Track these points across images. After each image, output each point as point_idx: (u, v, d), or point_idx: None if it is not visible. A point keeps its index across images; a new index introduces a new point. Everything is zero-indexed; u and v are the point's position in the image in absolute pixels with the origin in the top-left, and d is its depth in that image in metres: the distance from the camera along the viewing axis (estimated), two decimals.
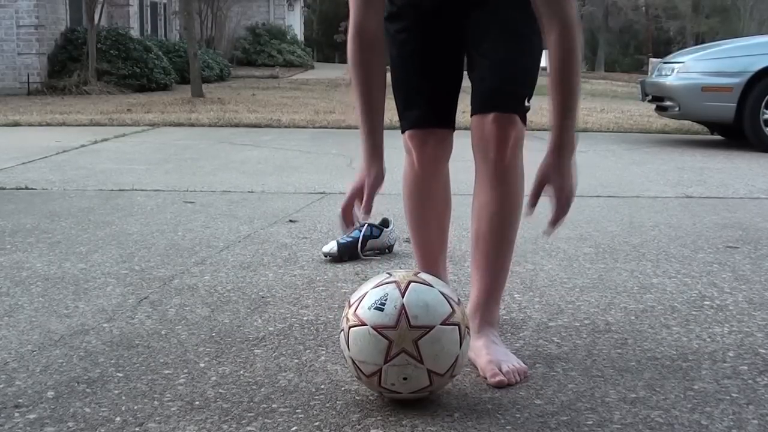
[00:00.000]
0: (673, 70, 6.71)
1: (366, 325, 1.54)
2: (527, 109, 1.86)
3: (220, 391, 1.66)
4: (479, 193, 1.91)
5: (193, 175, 4.79)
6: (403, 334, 1.51)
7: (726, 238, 3.16)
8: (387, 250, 2.88)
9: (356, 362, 1.56)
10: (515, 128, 1.82)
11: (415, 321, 1.52)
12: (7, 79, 13.83)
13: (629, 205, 3.91)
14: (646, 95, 7.19)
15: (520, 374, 1.73)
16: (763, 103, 6.26)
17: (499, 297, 1.92)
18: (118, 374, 1.74)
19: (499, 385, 1.70)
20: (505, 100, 1.83)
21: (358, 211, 1.93)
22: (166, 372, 1.76)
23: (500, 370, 1.72)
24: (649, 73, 8.13)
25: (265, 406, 1.59)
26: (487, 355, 1.77)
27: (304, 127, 8.04)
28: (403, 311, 1.52)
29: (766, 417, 1.56)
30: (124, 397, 1.62)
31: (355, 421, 1.53)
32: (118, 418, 1.53)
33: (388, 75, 1.97)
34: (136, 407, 1.58)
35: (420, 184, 2.07)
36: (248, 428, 1.49)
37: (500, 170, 1.85)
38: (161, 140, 6.74)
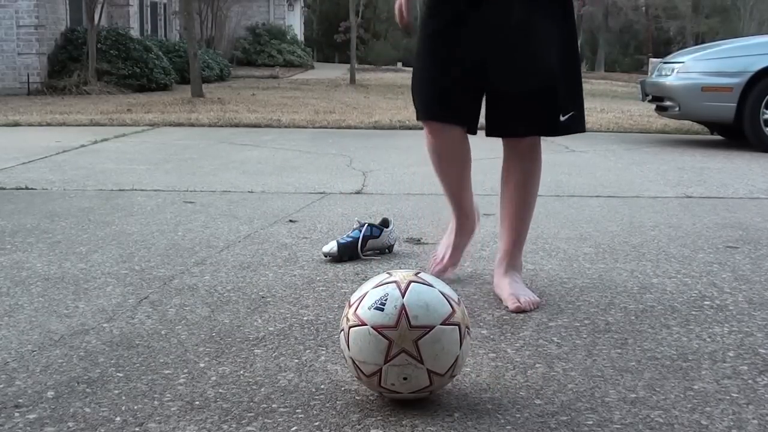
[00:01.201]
0: (673, 70, 6.71)
1: (366, 325, 1.54)
2: (573, 125, 2.28)
3: (220, 391, 1.66)
4: (507, 167, 2.36)
5: (193, 175, 4.79)
6: (403, 334, 1.51)
7: (726, 238, 3.16)
8: (387, 250, 2.88)
9: (356, 362, 1.56)
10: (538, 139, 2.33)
11: (416, 321, 1.52)
12: (7, 79, 13.84)
13: (629, 205, 3.91)
14: (646, 95, 7.19)
15: (533, 305, 2.23)
16: (763, 103, 6.26)
17: (522, 247, 2.40)
18: (118, 374, 1.74)
19: (517, 311, 2.20)
20: (542, 127, 2.28)
21: None
22: (166, 372, 1.76)
23: (519, 300, 2.22)
24: (649, 73, 8.13)
25: (265, 406, 1.59)
26: (510, 289, 2.28)
27: (304, 127, 8.04)
28: (404, 311, 1.52)
29: (766, 417, 1.56)
30: (124, 397, 1.62)
31: (355, 421, 1.53)
32: (118, 418, 1.53)
33: None
34: (136, 407, 1.58)
35: (437, 151, 2.40)
36: (248, 428, 1.49)
37: (529, 145, 2.31)
38: (161, 140, 6.74)
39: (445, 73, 2.27)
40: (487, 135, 2.31)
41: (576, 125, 2.27)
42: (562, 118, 2.24)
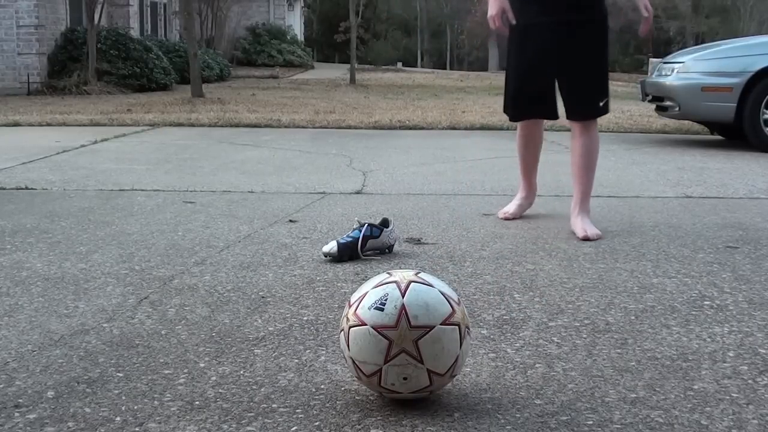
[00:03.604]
0: (673, 70, 6.71)
1: (366, 325, 1.54)
2: (603, 108, 3.27)
3: (220, 391, 1.66)
4: (574, 137, 3.31)
5: (193, 175, 4.79)
6: (403, 334, 1.51)
7: (726, 238, 3.16)
8: (387, 250, 2.88)
9: (356, 362, 1.56)
10: (594, 121, 3.32)
11: (416, 321, 1.52)
12: (7, 79, 13.83)
13: (629, 205, 3.91)
14: (646, 95, 7.18)
15: (596, 236, 3.12)
16: (763, 103, 6.25)
17: (589, 196, 3.33)
18: (118, 374, 1.74)
19: (584, 239, 3.09)
20: (587, 113, 3.28)
21: None
22: (166, 372, 1.76)
23: (586, 231, 3.13)
24: (649, 73, 8.12)
25: (265, 406, 1.59)
26: (581, 224, 3.19)
27: (304, 127, 8.04)
28: (404, 311, 1.52)
29: (766, 417, 1.56)
30: (124, 397, 1.62)
31: (355, 421, 1.53)
32: (118, 418, 1.53)
33: None
34: (136, 407, 1.58)
35: (522, 136, 3.56)
36: (248, 428, 1.49)
37: (586, 123, 3.28)
38: (161, 140, 6.74)
39: (515, 79, 3.36)
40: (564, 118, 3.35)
41: (606, 109, 3.28)
42: (600, 104, 3.24)
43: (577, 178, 3.31)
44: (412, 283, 1.58)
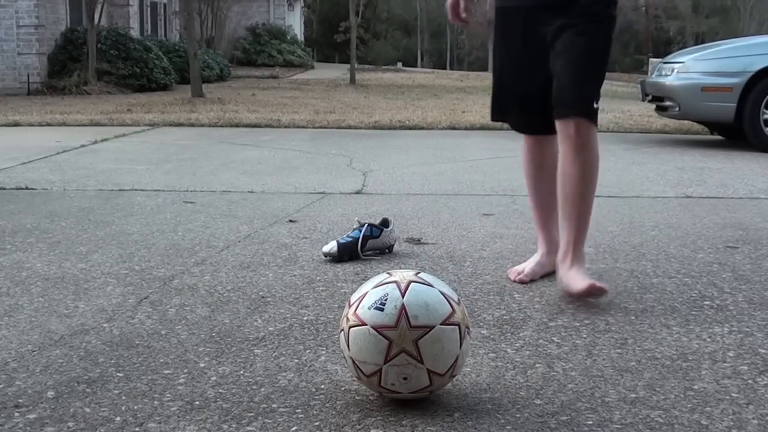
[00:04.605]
0: (673, 70, 6.71)
1: (366, 325, 1.54)
2: (596, 110, 2.36)
3: (220, 391, 1.66)
4: (563, 164, 2.32)
5: (193, 175, 4.79)
6: (403, 334, 1.51)
7: (726, 238, 3.16)
8: (387, 250, 2.88)
9: (356, 362, 1.56)
10: (586, 123, 2.31)
11: (416, 321, 1.52)
12: (7, 79, 13.83)
13: (629, 205, 3.91)
14: (646, 95, 7.18)
15: (604, 290, 2.24)
16: (763, 103, 6.25)
17: (584, 241, 2.37)
18: (118, 374, 1.74)
19: (587, 294, 2.24)
20: (576, 107, 2.31)
21: None
22: (166, 372, 1.76)
23: (585, 284, 2.22)
24: (649, 73, 8.12)
25: (265, 406, 1.59)
26: (578, 277, 2.26)
27: (304, 127, 8.04)
28: (404, 311, 1.52)
29: (766, 417, 1.56)
30: (124, 397, 1.62)
31: (355, 421, 1.53)
32: (118, 418, 1.53)
33: None
34: (136, 407, 1.58)
35: (531, 159, 2.56)
36: (248, 428, 1.49)
37: (578, 144, 2.28)
38: (161, 140, 6.74)
39: (501, 81, 2.50)
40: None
41: (590, 106, 2.35)
42: (595, 105, 2.36)
43: (568, 216, 2.35)
44: (412, 283, 1.58)
